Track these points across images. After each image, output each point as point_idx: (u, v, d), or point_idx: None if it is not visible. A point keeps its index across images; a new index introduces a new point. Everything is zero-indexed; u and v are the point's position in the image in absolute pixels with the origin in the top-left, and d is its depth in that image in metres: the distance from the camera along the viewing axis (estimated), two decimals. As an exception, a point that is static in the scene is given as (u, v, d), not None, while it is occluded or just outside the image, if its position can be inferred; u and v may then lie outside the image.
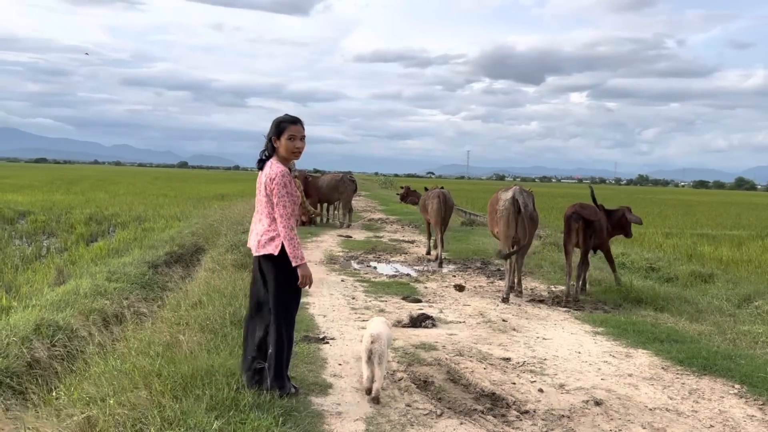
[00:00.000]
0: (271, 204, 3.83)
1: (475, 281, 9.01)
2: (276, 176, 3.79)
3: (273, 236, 3.83)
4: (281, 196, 3.78)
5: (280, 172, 3.81)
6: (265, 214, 3.89)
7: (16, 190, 30.51)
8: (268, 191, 3.82)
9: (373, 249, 12.11)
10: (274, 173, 3.80)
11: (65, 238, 14.54)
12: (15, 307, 7.34)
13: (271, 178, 3.79)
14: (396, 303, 7.13)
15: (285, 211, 3.79)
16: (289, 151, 3.96)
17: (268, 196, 3.83)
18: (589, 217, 8.01)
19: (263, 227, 3.90)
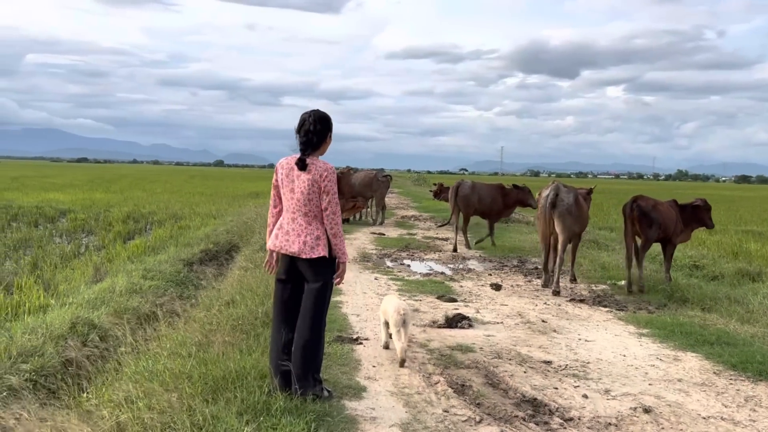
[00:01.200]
0: (317, 202, 3.75)
1: (512, 280, 8.78)
2: (329, 173, 3.75)
3: (318, 235, 3.76)
4: (334, 193, 3.75)
5: (331, 168, 3.79)
6: (303, 213, 3.79)
7: (58, 189, 31.24)
8: (320, 189, 3.74)
9: (406, 246, 11.96)
10: (325, 170, 3.75)
11: (103, 236, 14.74)
12: (52, 305, 7.42)
13: (324, 175, 3.73)
14: (431, 302, 6.97)
15: (337, 208, 3.78)
16: (328, 147, 3.92)
17: (316, 194, 3.74)
18: (646, 208, 7.83)
19: (302, 227, 3.79)
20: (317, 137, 3.80)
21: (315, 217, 3.78)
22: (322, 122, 3.81)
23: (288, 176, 3.85)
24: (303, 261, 3.78)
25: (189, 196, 28.89)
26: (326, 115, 3.86)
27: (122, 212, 19.44)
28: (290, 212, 3.86)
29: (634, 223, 7.89)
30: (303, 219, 3.79)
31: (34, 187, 32.25)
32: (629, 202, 8.01)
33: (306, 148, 3.81)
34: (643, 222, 7.84)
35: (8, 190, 29.07)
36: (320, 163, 3.80)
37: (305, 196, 3.76)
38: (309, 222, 3.78)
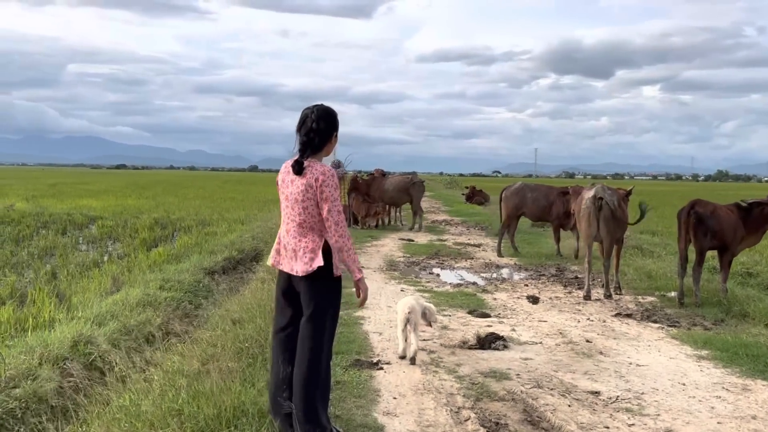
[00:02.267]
0: (312, 211, 3.22)
1: (551, 291, 8.11)
2: (327, 176, 3.22)
3: (313, 248, 3.22)
4: (335, 199, 3.22)
5: (330, 170, 3.25)
6: (298, 224, 3.27)
7: (92, 195, 31.48)
8: (315, 195, 3.21)
9: (436, 254, 11.36)
10: (322, 173, 3.22)
11: (128, 243, 14.53)
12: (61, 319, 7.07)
13: (320, 179, 3.20)
14: (461, 318, 6.37)
15: (341, 216, 3.23)
16: (333, 148, 3.39)
17: (311, 201, 3.22)
18: (704, 215, 7.08)
19: (296, 239, 3.28)
20: (320, 137, 3.27)
21: (311, 229, 3.26)
22: (326, 120, 3.28)
23: (284, 181, 3.35)
24: (299, 279, 3.27)
25: (220, 202, 28.75)
26: (331, 111, 3.32)
27: (150, 218, 19.27)
28: (285, 222, 3.36)
29: (689, 230, 7.15)
30: (297, 230, 3.28)
31: (70, 194, 32.59)
32: (686, 207, 7.27)
33: (305, 149, 3.28)
34: (699, 230, 7.09)
35: (44, 197, 29.38)
36: (317, 165, 3.26)
37: (299, 203, 3.25)
38: (303, 233, 3.26)
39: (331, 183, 3.21)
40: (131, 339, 6.24)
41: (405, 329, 4.93)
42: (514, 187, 11.77)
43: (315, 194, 3.21)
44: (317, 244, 3.22)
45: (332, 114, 3.32)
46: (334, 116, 3.32)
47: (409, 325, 4.85)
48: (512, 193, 11.64)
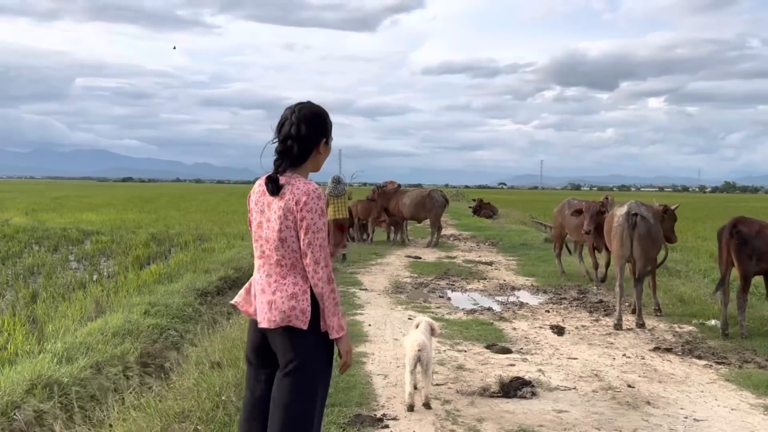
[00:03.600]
0: (293, 244, 2.43)
1: (575, 318, 7.29)
2: (312, 197, 2.40)
3: (295, 293, 2.43)
4: (318, 229, 2.40)
5: (316, 190, 2.43)
6: (276, 261, 2.48)
7: (93, 209, 30.87)
8: (294, 222, 2.42)
9: (445, 273, 10.56)
10: (305, 193, 2.41)
11: (120, 261, 13.80)
12: (28, 351, 6.32)
13: (303, 201, 2.39)
14: (478, 354, 5.56)
15: (323, 253, 2.42)
16: (323, 161, 2.61)
17: (291, 231, 2.43)
18: (748, 235, 6.24)
19: (273, 281, 2.49)
20: (300, 145, 2.48)
21: (292, 268, 2.47)
22: (310, 123, 2.49)
23: (257, 204, 2.56)
24: (273, 333, 2.49)
25: (222, 215, 28.04)
26: (319, 111, 2.54)
27: (147, 234, 18.57)
28: (259, 258, 2.57)
29: (731, 252, 6.33)
30: (275, 269, 2.49)
31: (71, 208, 32.03)
32: (728, 225, 6.44)
33: (281, 160, 2.49)
34: (743, 252, 6.26)
35: (45, 211, 28.81)
36: (299, 183, 2.46)
37: (276, 233, 2.45)
38: (283, 274, 2.48)
39: (316, 207, 2.41)
40: (101, 379, 5.48)
41: (414, 371, 4.19)
42: (560, 204, 10.65)
43: (295, 221, 2.43)
44: (300, 288, 2.44)
45: (320, 115, 2.53)
46: (322, 118, 2.54)
47: (420, 365, 4.16)
48: (557, 210, 10.63)
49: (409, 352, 4.17)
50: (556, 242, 10.64)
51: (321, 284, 2.41)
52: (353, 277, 9.94)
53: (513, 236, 17.34)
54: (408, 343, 4.25)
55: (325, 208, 2.46)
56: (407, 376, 4.16)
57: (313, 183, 2.48)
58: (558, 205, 10.61)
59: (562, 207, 10.30)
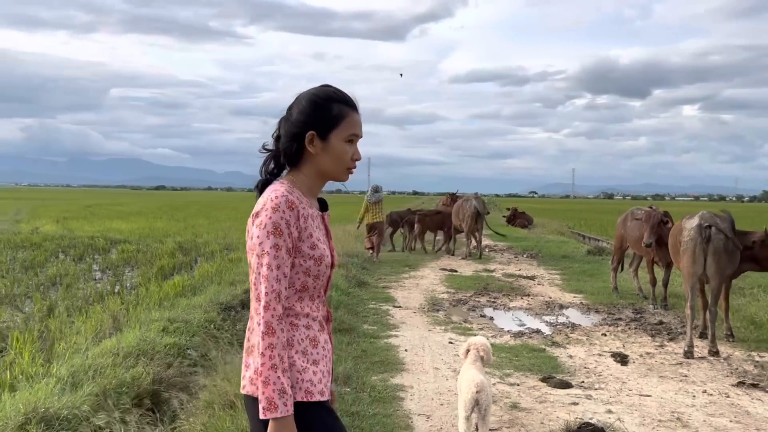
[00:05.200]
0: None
1: (637, 343, 6.49)
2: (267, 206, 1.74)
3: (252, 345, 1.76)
4: (263, 253, 1.71)
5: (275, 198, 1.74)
6: (253, 298, 1.80)
7: (123, 217, 30.84)
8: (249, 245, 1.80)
9: (485, 288, 9.81)
10: (262, 201, 1.77)
11: (144, 271, 13.36)
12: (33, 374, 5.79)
13: (256, 212, 1.77)
14: (534, 389, 4.82)
15: (271, 287, 1.70)
16: (342, 164, 1.88)
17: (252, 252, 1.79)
18: None
19: (250, 330, 1.83)
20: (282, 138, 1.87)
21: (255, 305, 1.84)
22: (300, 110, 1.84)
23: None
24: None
25: (250, 224, 27.61)
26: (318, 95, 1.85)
27: (174, 243, 18.20)
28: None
29: None
30: (253, 305, 1.80)
31: (102, 216, 32.08)
32: None
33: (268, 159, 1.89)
34: None
35: (75, 219, 28.86)
36: (268, 191, 1.81)
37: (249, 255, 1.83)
38: (253, 314, 1.81)
39: (265, 221, 1.72)
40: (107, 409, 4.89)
41: (470, 416, 3.50)
42: (623, 215, 9.71)
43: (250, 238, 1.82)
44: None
45: (314, 100, 1.84)
46: (315, 103, 1.84)
47: (478, 410, 3.49)
48: (619, 221, 9.71)
49: (464, 394, 3.48)
50: (615, 255, 9.76)
51: (257, 332, 1.69)
52: (386, 292, 9.26)
53: (552, 247, 16.47)
54: (463, 383, 3.55)
55: (285, 224, 1.73)
56: (462, 425, 3.47)
57: (282, 188, 1.77)
58: (621, 216, 9.73)
59: (624, 217, 9.43)
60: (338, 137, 1.84)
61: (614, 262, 9.72)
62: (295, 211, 1.73)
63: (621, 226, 9.52)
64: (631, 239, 9.04)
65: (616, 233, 9.77)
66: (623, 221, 9.47)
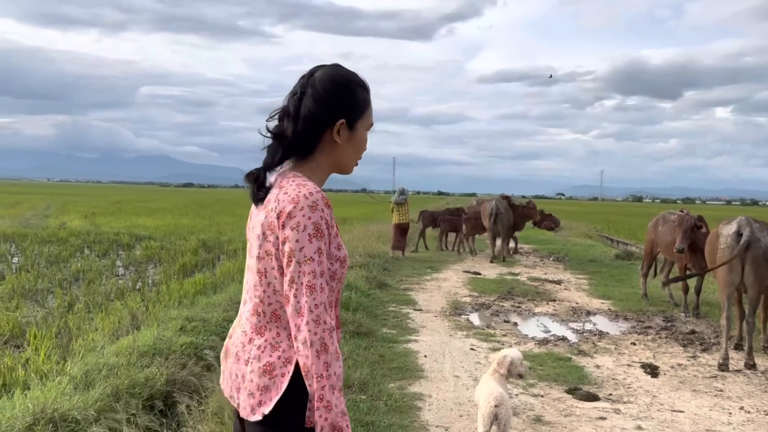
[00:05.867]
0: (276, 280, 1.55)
1: (668, 354, 6.19)
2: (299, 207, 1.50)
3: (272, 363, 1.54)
4: (307, 259, 1.48)
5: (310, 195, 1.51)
6: (253, 307, 1.61)
7: (149, 214, 31.14)
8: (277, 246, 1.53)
9: (509, 293, 9.55)
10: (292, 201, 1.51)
11: (166, 268, 13.36)
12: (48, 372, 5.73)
13: (288, 213, 1.50)
14: (558, 401, 4.59)
15: (318, 298, 1.47)
16: (359, 156, 1.71)
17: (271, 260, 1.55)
18: None
19: (249, 339, 1.61)
20: (297, 127, 1.60)
21: (274, 319, 1.58)
22: (319, 93, 1.60)
23: (251, 218, 1.71)
24: (248, 424, 1.59)
25: (275, 222, 27.61)
26: (340, 77, 1.64)
27: (198, 240, 18.23)
28: (243, 302, 1.71)
29: None
30: (252, 319, 1.61)
31: (129, 212, 32.45)
32: None
33: (275, 150, 1.62)
34: None
35: (103, 215, 29.22)
36: (291, 184, 1.55)
37: (254, 262, 1.62)
38: (260, 329, 1.59)
39: (305, 223, 1.48)
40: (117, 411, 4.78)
41: (489, 431, 3.30)
42: (654, 218, 9.36)
43: (278, 244, 1.53)
44: (283, 356, 1.54)
45: (339, 82, 1.62)
46: (342, 86, 1.62)
47: (497, 425, 3.34)
48: (650, 225, 9.35)
49: (483, 408, 3.30)
50: (645, 260, 9.41)
51: (306, 351, 1.46)
52: (407, 294, 9.07)
53: (579, 251, 16.11)
54: (481, 395, 3.37)
55: (325, 225, 1.52)
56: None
57: (312, 184, 1.55)
58: (652, 220, 9.39)
59: (656, 222, 9.09)
60: (363, 126, 1.68)
61: (644, 268, 9.38)
62: (330, 209, 1.53)
63: (652, 231, 9.19)
64: (663, 244, 8.72)
65: (647, 237, 9.44)
66: (654, 225, 9.14)
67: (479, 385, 3.63)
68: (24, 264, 12.31)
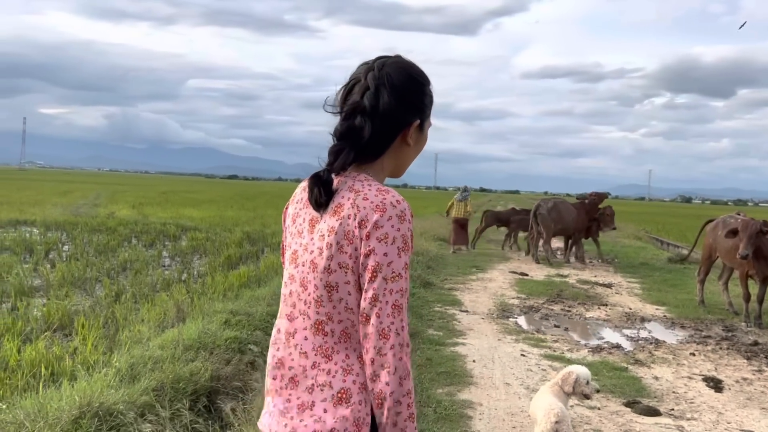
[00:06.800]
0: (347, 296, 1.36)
1: (731, 366, 5.84)
2: (390, 214, 1.33)
3: (347, 389, 1.36)
4: (396, 276, 1.32)
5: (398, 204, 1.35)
6: (313, 324, 1.41)
7: (195, 205, 31.64)
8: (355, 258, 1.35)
9: (558, 295, 9.25)
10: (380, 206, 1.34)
11: (212, 260, 13.47)
12: (95, 363, 5.76)
13: (375, 220, 1.32)
14: (617, 414, 4.34)
15: (403, 320, 1.32)
16: (413, 157, 1.54)
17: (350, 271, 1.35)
18: None
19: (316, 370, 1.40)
20: (376, 127, 1.40)
21: (345, 338, 1.39)
22: (398, 90, 1.42)
23: (296, 221, 1.51)
24: None
25: (319, 215, 27.67)
26: (416, 73, 1.47)
27: (242, 232, 18.38)
28: (287, 318, 1.48)
29: None
30: (314, 338, 1.41)
31: (175, 203, 33.04)
32: None
33: (341, 149, 1.41)
34: None
35: (150, 205, 29.81)
36: (371, 189, 1.38)
37: (320, 274, 1.38)
38: (326, 349, 1.40)
39: (395, 234, 1.32)
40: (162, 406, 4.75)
41: None
42: (713, 222, 8.91)
43: (356, 257, 1.35)
44: (359, 382, 1.37)
45: (416, 79, 1.47)
46: (419, 84, 1.47)
47: None
48: (709, 229, 8.90)
49: (542, 423, 3.11)
50: (703, 266, 8.97)
51: (389, 378, 1.30)
52: (452, 294, 8.87)
53: (630, 253, 15.60)
54: (540, 411, 3.17)
55: (411, 237, 1.37)
56: None
57: (395, 191, 1.38)
58: (711, 223, 8.96)
59: (715, 225, 8.65)
60: (429, 126, 1.53)
61: (701, 274, 8.95)
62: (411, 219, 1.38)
63: (711, 235, 8.75)
64: (723, 250, 8.29)
65: (705, 242, 9.00)
66: (713, 229, 8.70)
67: (536, 398, 3.44)
68: (74, 252, 12.57)
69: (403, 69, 1.46)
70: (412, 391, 1.33)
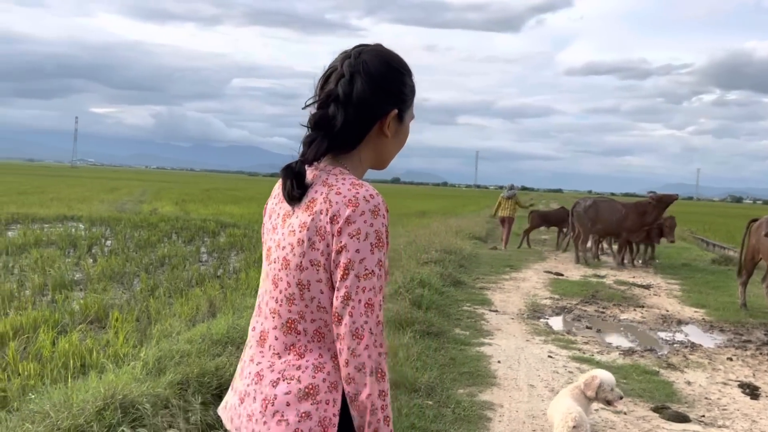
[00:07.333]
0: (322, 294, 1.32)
1: (770, 373, 5.60)
2: (358, 210, 1.28)
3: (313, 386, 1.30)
4: (368, 273, 1.27)
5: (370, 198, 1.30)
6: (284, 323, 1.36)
7: (236, 202, 32.15)
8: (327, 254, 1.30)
9: (593, 296, 9.03)
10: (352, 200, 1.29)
11: (247, 256, 13.66)
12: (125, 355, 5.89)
13: (347, 215, 1.28)
14: (643, 420, 4.20)
15: (376, 319, 1.27)
16: (400, 147, 1.50)
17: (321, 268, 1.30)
18: None
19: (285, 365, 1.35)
20: (349, 116, 1.36)
21: (317, 338, 1.35)
22: (373, 78, 1.38)
23: (272, 217, 1.49)
24: None
25: (355, 214, 27.75)
26: (392, 61, 1.43)
27: (278, 230, 18.51)
28: (260, 313, 1.46)
29: None
30: (284, 337, 1.37)
31: (217, 200, 33.63)
32: None
33: (314, 139, 1.36)
34: None
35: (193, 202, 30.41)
36: (344, 183, 1.33)
37: (293, 272, 1.34)
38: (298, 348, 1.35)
39: (368, 230, 1.28)
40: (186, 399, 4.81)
41: None
42: (757, 222, 8.55)
43: (328, 253, 1.31)
44: (328, 380, 1.32)
45: (392, 67, 1.43)
46: (396, 72, 1.43)
47: None
48: (753, 230, 8.51)
49: (559, 427, 3.03)
50: (745, 267, 8.64)
51: (363, 379, 1.26)
52: (483, 294, 8.76)
53: (672, 253, 15.13)
54: (557, 415, 3.09)
55: (386, 233, 1.31)
56: None
57: (369, 185, 1.33)
58: (755, 223, 8.58)
59: (759, 225, 8.32)
60: (409, 118, 1.49)
61: (743, 275, 8.61)
62: (389, 214, 1.34)
63: (753, 235, 8.41)
64: (765, 250, 7.96)
65: (749, 243, 8.66)
66: (757, 229, 8.36)
67: (555, 400, 3.35)
68: (115, 248, 12.90)
69: (381, 57, 1.42)
70: (387, 393, 1.29)
